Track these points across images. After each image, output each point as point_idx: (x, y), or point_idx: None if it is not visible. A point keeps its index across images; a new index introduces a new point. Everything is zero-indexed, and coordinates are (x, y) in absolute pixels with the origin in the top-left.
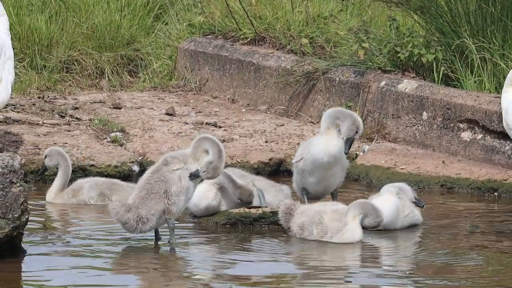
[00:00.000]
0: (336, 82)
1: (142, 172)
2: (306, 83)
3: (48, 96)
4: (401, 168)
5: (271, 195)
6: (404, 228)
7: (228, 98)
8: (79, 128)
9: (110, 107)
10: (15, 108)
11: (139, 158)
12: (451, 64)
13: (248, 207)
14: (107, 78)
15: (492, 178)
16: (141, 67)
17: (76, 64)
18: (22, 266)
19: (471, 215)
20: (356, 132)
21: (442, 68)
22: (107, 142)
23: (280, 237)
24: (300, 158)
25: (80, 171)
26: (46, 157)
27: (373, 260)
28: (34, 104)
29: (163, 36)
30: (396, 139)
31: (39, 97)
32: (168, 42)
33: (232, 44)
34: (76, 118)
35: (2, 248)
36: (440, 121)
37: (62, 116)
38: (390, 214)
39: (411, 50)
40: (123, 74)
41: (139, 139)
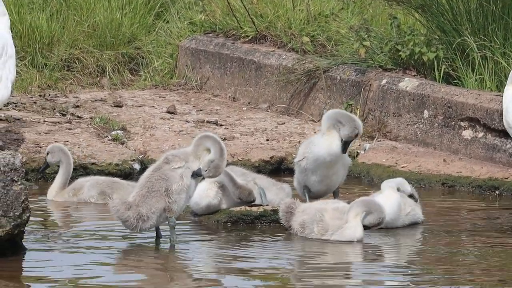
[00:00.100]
0: (337, 80)
1: (143, 170)
2: (307, 82)
3: (49, 94)
4: (402, 167)
5: (272, 193)
6: (405, 226)
7: (229, 97)
8: (80, 126)
9: (111, 105)
10: (16, 106)
11: (140, 156)
12: (452, 62)
13: (249, 205)
14: (108, 76)
15: (493, 176)
16: (142, 65)
17: (77, 62)
18: (23, 264)
19: (471, 214)
20: (355, 136)
21: (443, 67)
22: (108, 140)
23: (281, 235)
24: (303, 157)
25: (81, 169)
26: (48, 153)
27: (374, 257)
28: (35, 102)
29: (164, 34)
30: (397, 138)
31: (40, 95)
32: (169, 40)
33: (233, 43)
34: (77, 116)
35: (3, 246)
36: (441, 119)
37: (63, 114)
38: (392, 212)
39: (412, 48)
40: (124, 72)
41: (140, 138)
